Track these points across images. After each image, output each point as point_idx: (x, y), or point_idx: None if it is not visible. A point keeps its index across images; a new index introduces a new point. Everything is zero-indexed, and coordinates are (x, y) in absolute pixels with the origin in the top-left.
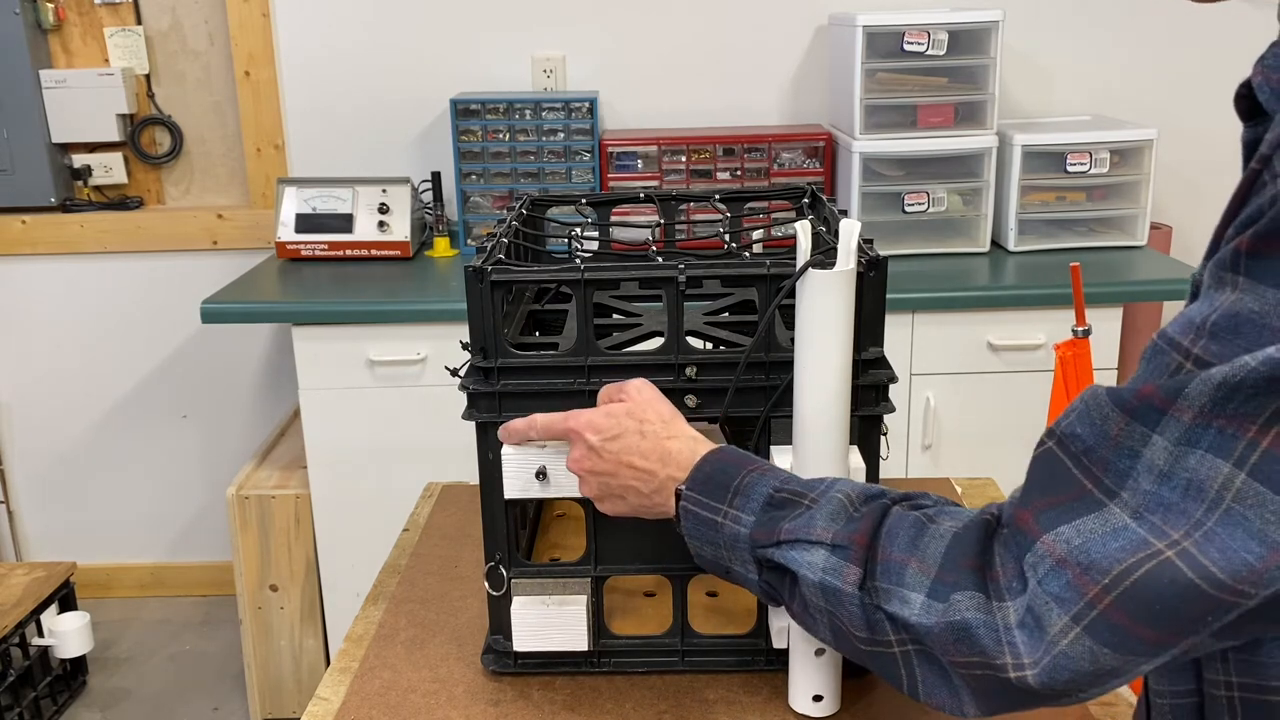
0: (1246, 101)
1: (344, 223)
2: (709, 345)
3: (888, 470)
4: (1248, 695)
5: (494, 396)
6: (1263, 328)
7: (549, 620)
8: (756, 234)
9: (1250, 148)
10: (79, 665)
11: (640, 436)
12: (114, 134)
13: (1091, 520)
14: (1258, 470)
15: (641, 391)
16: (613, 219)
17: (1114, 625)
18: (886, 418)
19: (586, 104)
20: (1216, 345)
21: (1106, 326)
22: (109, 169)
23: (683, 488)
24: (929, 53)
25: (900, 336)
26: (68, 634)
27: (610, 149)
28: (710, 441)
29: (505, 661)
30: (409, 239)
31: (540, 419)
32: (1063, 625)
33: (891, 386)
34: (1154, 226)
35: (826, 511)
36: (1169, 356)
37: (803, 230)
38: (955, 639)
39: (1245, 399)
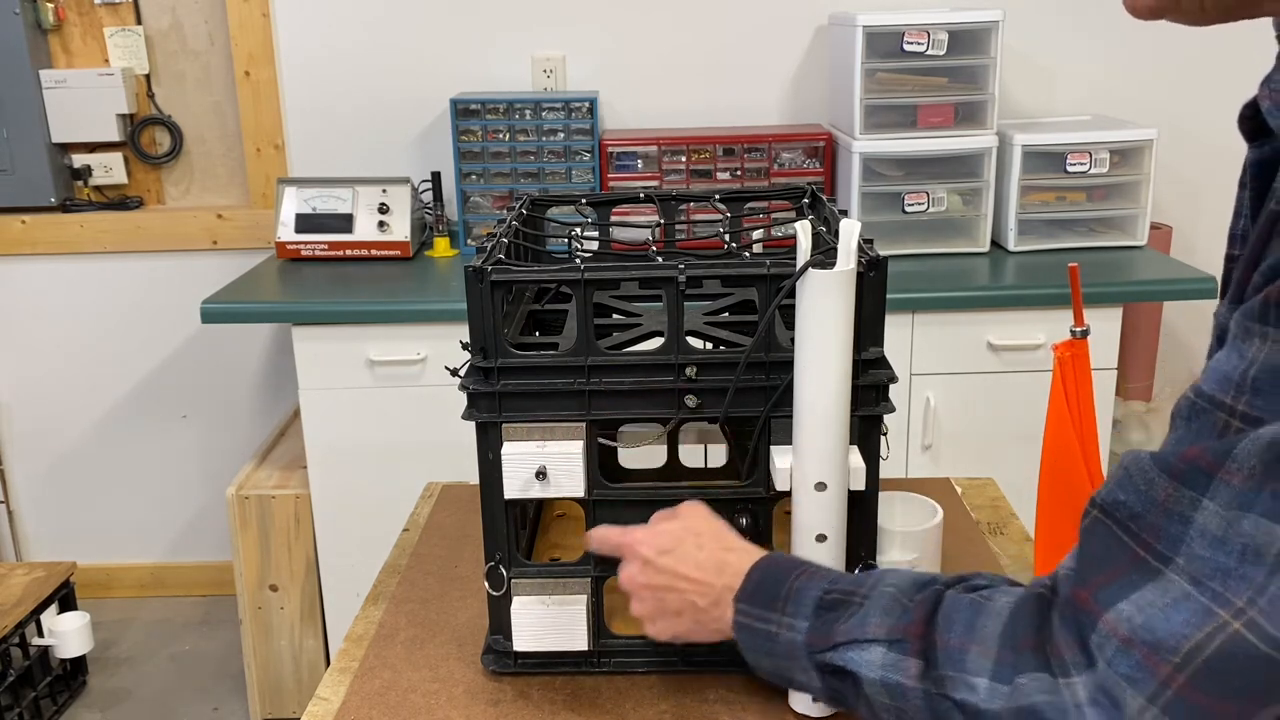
0: (1251, 123)
1: (344, 223)
2: (709, 345)
3: (888, 470)
4: None
5: (494, 396)
6: None
7: (549, 620)
8: (756, 234)
9: (1258, 168)
10: (79, 665)
11: (697, 549)
12: (114, 134)
13: (1150, 591)
14: None
15: (695, 509)
16: (613, 219)
17: (1190, 704)
18: (886, 418)
19: (586, 104)
20: (1262, 400)
21: (1106, 326)
22: (109, 169)
23: (736, 599)
24: (929, 53)
25: (900, 336)
26: (68, 634)
27: (610, 149)
28: (763, 550)
29: (505, 661)
30: (409, 239)
31: (598, 532)
32: (1139, 705)
33: (891, 386)
34: (1154, 226)
35: (879, 607)
36: (1213, 416)
37: (803, 230)
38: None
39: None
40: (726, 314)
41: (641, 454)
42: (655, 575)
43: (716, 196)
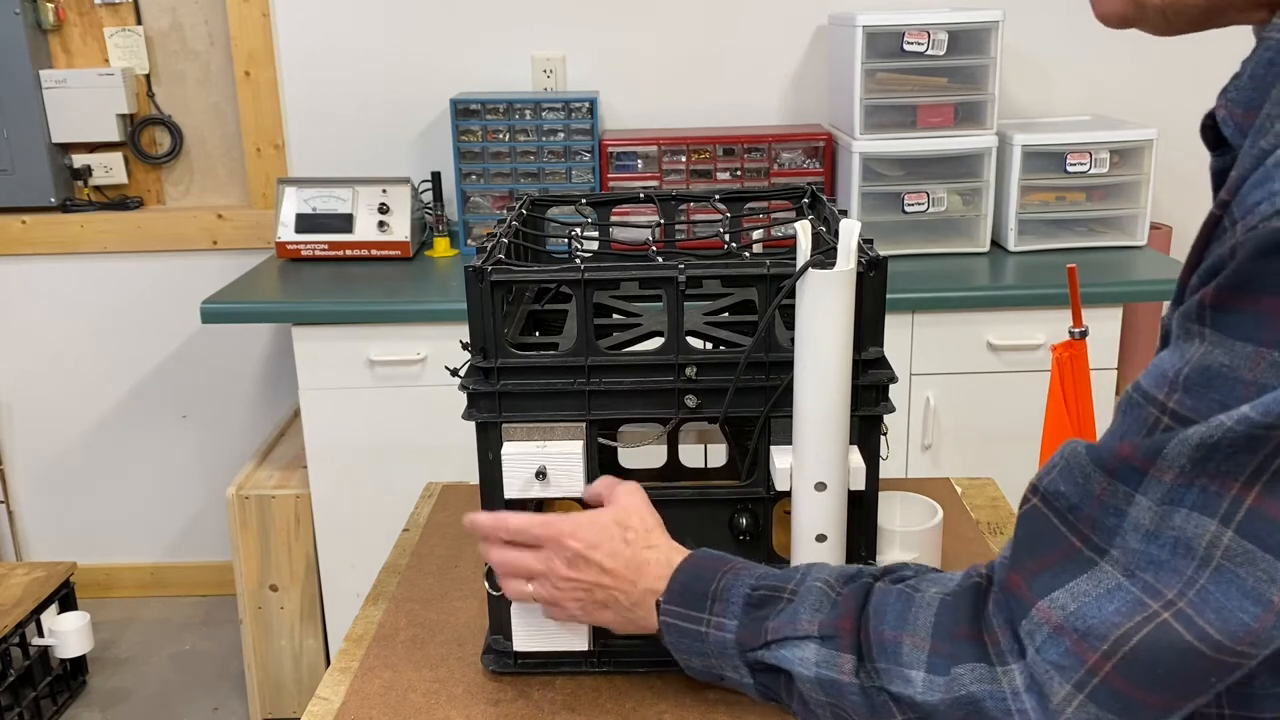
0: (1212, 132)
1: (344, 223)
2: (709, 345)
3: (888, 470)
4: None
5: (494, 396)
6: (1235, 381)
7: (549, 620)
8: (756, 234)
9: (1219, 176)
10: (79, 665)
11: (624, 544)
12: (114, 134)
13: (1084, 582)
14: (1244, 528)
15: (631, 496)
16: (613, 219)
17: (1116, 692)
18: (886, 418)
19: (586, 104)
20: (1191, 400)
21: (1106, 326)
22: (109, 169)
23: (661, 601)
24: (929, 53)
25: (900, 336)
26: (68, 634)
27: (610, 149)
28: (684, 550)
29: (505, 661)
30: (409, 239)
31: (513, 520)
32: (1065, 694)
33: (891, 386)
34: (1154, 226)
35: (809, 603)
36: (1145, 410)
37: (803, 230)
38: (964, 715)
39: (1224, 458)
40: (726, 314)
41: (641, 454)
42: (583, 569)
43: (716, 196)
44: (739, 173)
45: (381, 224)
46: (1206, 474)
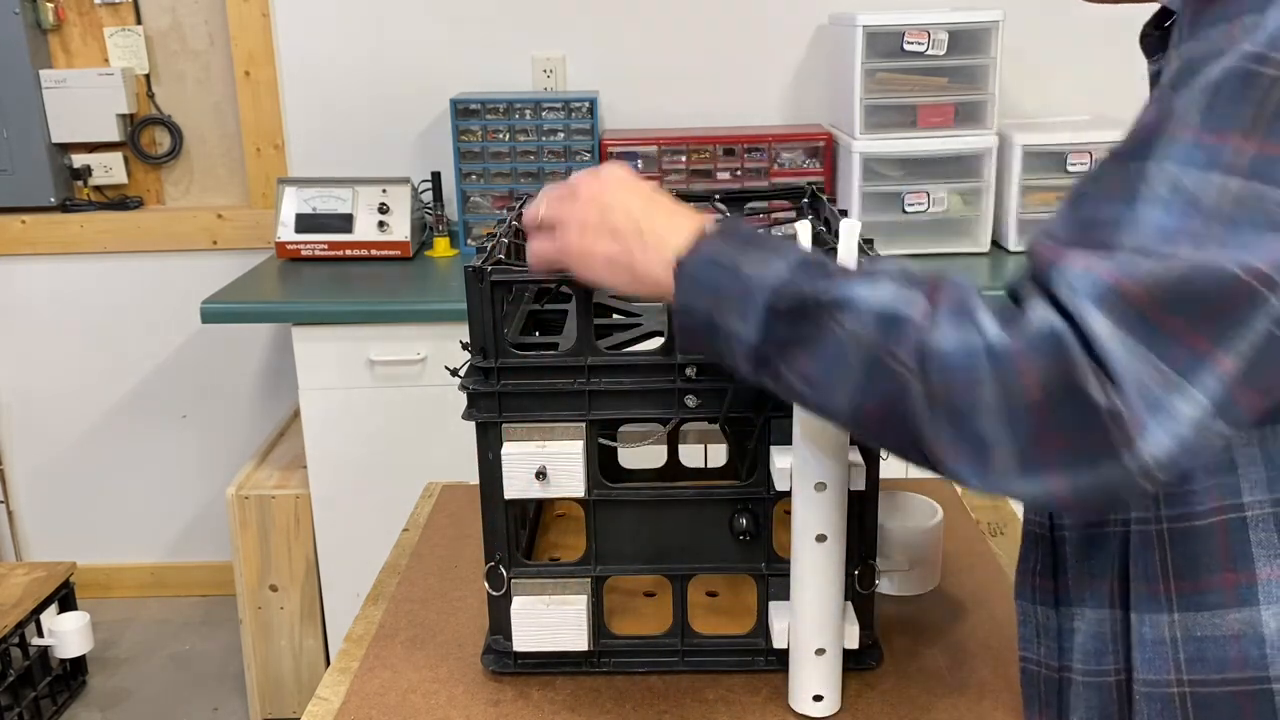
0: (1152, 39)
1: (344, 223)
2: None
3: (888, 470)
4: (1175, 525)
5: (494, 396)
6: (1207, 57)
7: (549, 620)
8: None
9: (1154, 81)
10: (79, 665)
11: (654, 194)
12: (114, 134)
13: (1118, 256)
14: (1254, 171)
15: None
16: None
17: (1161, 331)
18: None
19: (586, 104)
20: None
21: None
22: (109, 169)
23: (705, 232)
24: (929, 53)
25: None
26: (68, 634)
27: (610, 149)
28: None
29: (505, 661)
30: (409, 239)
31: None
32: (1107, 330)
33: None
34: None
35: (886, 264)
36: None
37: (803, 230)
38: (1044, 351)
39: (1227, 101)
40: None
41: (641, 454)
42: (617, 193)
43: (716, 196)
44: (739, 173)
45: (381, 224)
46: (1209, 128)
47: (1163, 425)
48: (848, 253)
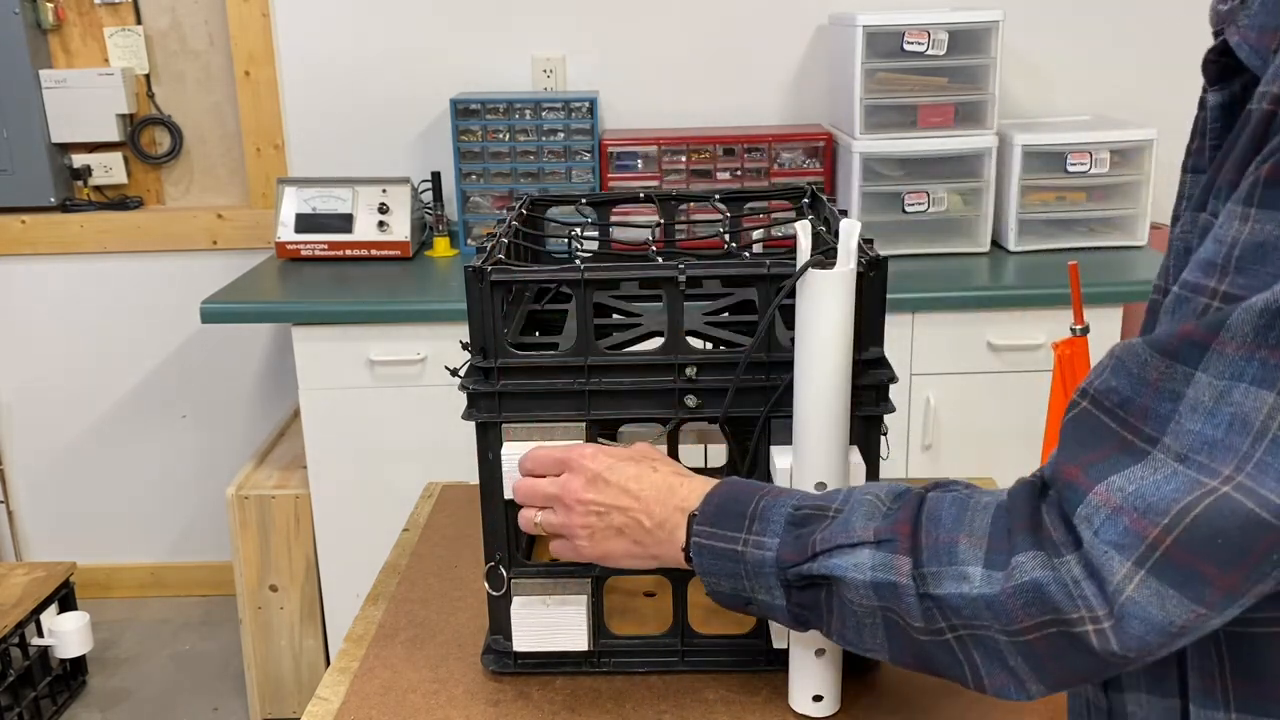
0: (1217, 66)
1: (344, 223)
2: (709, 345)
3: (888, 470)
4: (1232, 629)
5: (494, 396)
6: None
7: (549, 620)
8: (756, 234)
9: (1220, 110)
10: (79, 665)
11: (652, 470)
12: (114, 134)
13: (1140, 469)
14: None
15: (648, 449)
16: (613, 219)
17: (1178, 565)
18: (886, 418)
19: (586, 104)
20: (1244, 279)
21: (1107, 326)
22: (109, 169)
23: (695, 520)
24: (929, 53)
25: (900, 336)
26: (68, 634)
27: (610, 149)
28: (717, 479)
29: (505, 661)
30: (409, 239)
31: (534, 453)
32: (1125, 572)
33: (891, 386)
34: (1154, 226)
35: (860, 514)
36: (1195, 302)
37: (803, 230)
38: (1025, 602)
39: None
40: (726, 314)
41: None
42: (603, 490)
43: (716, 196)
44: (739, 173)
45: (381, 224)
46: (1268, 345)
47: (1156, 632)
48: (847, 253)
